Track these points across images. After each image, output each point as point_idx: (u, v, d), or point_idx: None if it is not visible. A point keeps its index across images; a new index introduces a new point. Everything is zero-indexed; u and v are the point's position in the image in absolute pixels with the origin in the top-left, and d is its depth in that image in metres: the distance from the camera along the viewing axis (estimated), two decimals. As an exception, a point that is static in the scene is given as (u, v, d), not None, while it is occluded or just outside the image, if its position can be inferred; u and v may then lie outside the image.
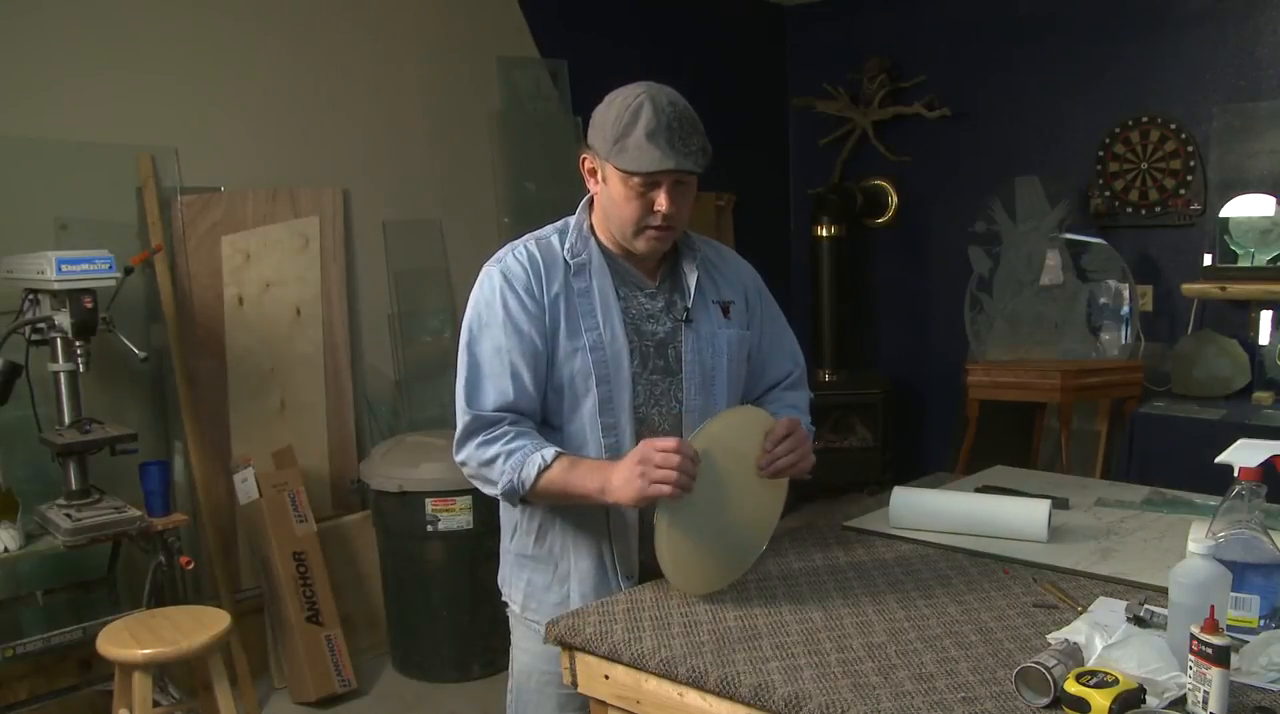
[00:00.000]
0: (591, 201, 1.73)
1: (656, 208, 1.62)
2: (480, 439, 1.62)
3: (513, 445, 1.60)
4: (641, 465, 1.49)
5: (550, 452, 1.59)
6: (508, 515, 1.79)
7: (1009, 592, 1.60)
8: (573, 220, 1.74)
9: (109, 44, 3.18)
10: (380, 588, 3.56)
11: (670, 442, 1.50)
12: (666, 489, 1.48)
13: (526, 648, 1.77)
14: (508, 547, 1.80)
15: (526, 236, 1.74)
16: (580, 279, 1.69)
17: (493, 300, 1.68)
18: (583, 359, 1.65)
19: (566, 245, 1.71)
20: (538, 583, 1.74)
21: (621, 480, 1.52)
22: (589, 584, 1.70)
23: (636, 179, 1.60)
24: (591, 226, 1.73)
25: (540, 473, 1.58)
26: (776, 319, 1.89)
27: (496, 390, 1.64)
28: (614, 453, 1.65)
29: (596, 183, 1.68)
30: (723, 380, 1.75)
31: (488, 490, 1.65)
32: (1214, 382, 4.07)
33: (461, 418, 1.65)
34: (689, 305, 1.73)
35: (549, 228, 1.75)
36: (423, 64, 4.01)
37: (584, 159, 1.69)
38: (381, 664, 3.55)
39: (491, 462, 1.61)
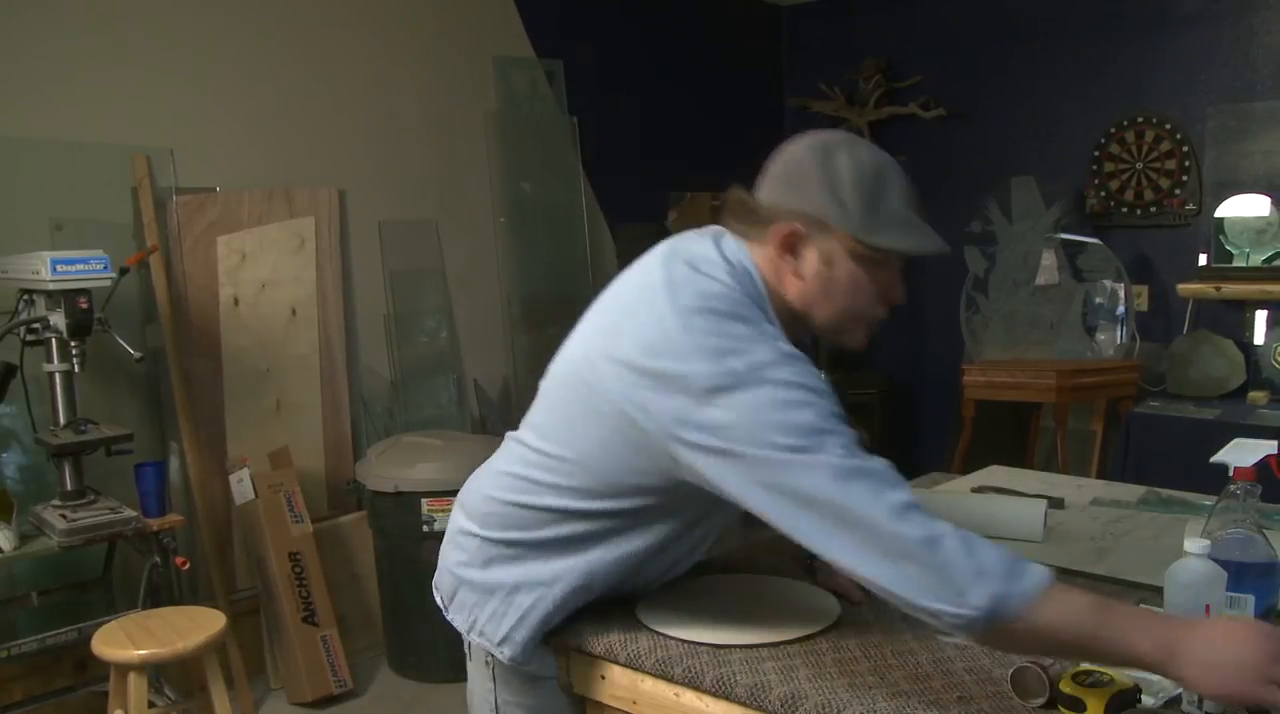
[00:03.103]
0: (761, 275, 1.36)
1: (891, 296, 1.39)
2: (923, 517, 1.16)
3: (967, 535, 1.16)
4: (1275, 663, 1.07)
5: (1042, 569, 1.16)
6: (524, 561, 1.45)
7: (1005, 591, 1.60)
8: (765, 307, 1.34)
9: (104, 44, 3.17)
10: (376, 588, 3.55)
11: None
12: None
13: (525, 703, 1.53)
14: (509, 594, 1.46)
15: (752, 327, 1.27)
16: None
17: (808, 374, 1.26)
18: None
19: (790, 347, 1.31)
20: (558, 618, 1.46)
21: (1232, 663, 1.07)
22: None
23: (885, 258, 1.33)
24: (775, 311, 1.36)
25: (1046, 590, 1.13)
26: None
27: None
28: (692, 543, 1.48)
29: (791, 260, 1.34)
30: None
31: (947, 612, 1.13)
32: (1209, 381, 4.07)
33: (893, 503, 1.16)
34: None
35: (742, 318, 1.28)
36: (419, 64, 4.01)
37: (780, 228, 1.33)
38: (378, 664, 3.55)
39: (972, 553, 1.13)
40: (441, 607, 1.59)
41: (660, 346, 1.26)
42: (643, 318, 1.30)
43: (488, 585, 1.48)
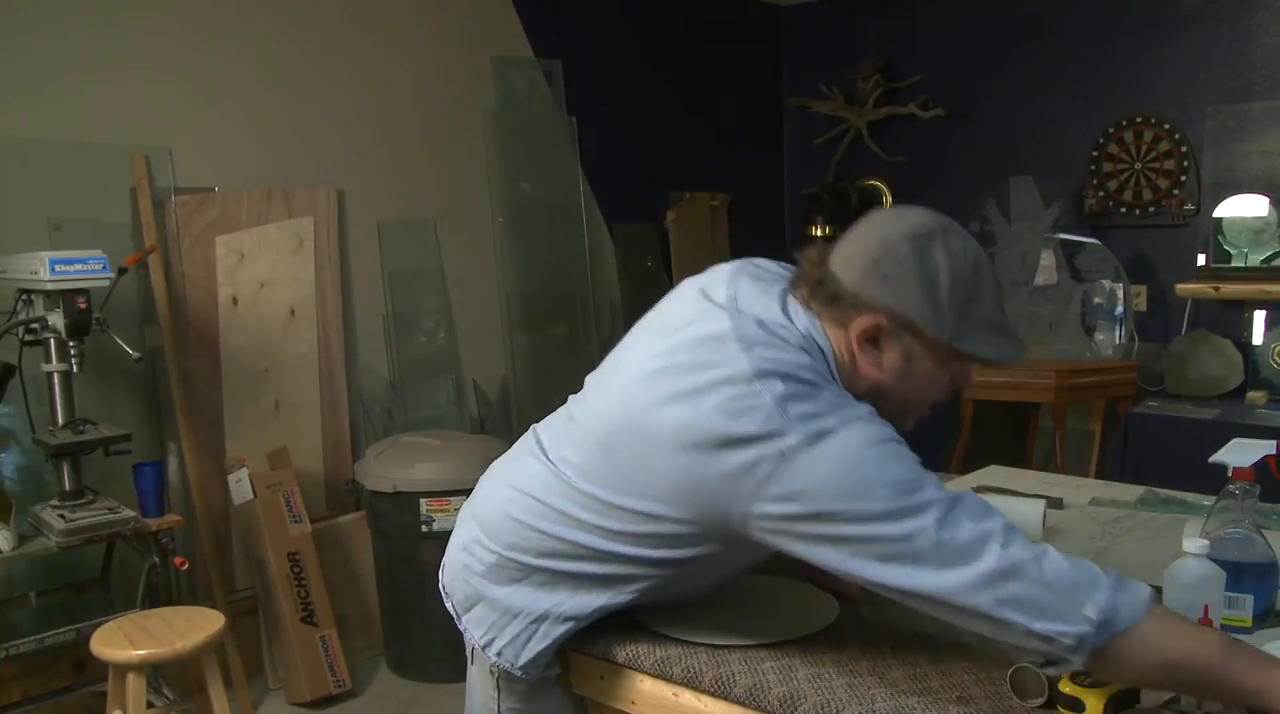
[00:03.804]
0: (836, 359, 1.30)
1: (960, 386, 1.36)
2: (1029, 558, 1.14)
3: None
4: None
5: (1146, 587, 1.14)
6: (556, 589, 1.40)
7: (1004, 591, 1.60)
8: (839, 387, 1.28)
9: (103, 44, 3.17)
10: (375, 588, 3.55)
11: None
12: None
13: (545, 707, 1.51)
14: (537, 619, 1.41)
15: (829, 395, 1.23)
16: None
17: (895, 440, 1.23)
18: None
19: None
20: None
21: None
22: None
23: (971, 366, 1.30)
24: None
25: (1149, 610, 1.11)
26: None
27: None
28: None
29: (872, 350, 1.29)
30: None
31: (1063, 641, 1.11)
32: (1208, 381, 4.08)
33: (1001, 554, 1.13)
34: None
35: (818, 388, 1.23)
36: (417, 64, 4.00)
37: (865, 319, 1.27)
38: (376, 665, 3.54)
39: (1074, 576, 1.12)
40: (453, 614, 1.54)
41: (741, 411, 1.19)
42: (713, 374, 1.23)
43: (512, 608, 1.43)
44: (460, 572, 1.50)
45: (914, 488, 1.16)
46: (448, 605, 1.55)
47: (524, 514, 1.41)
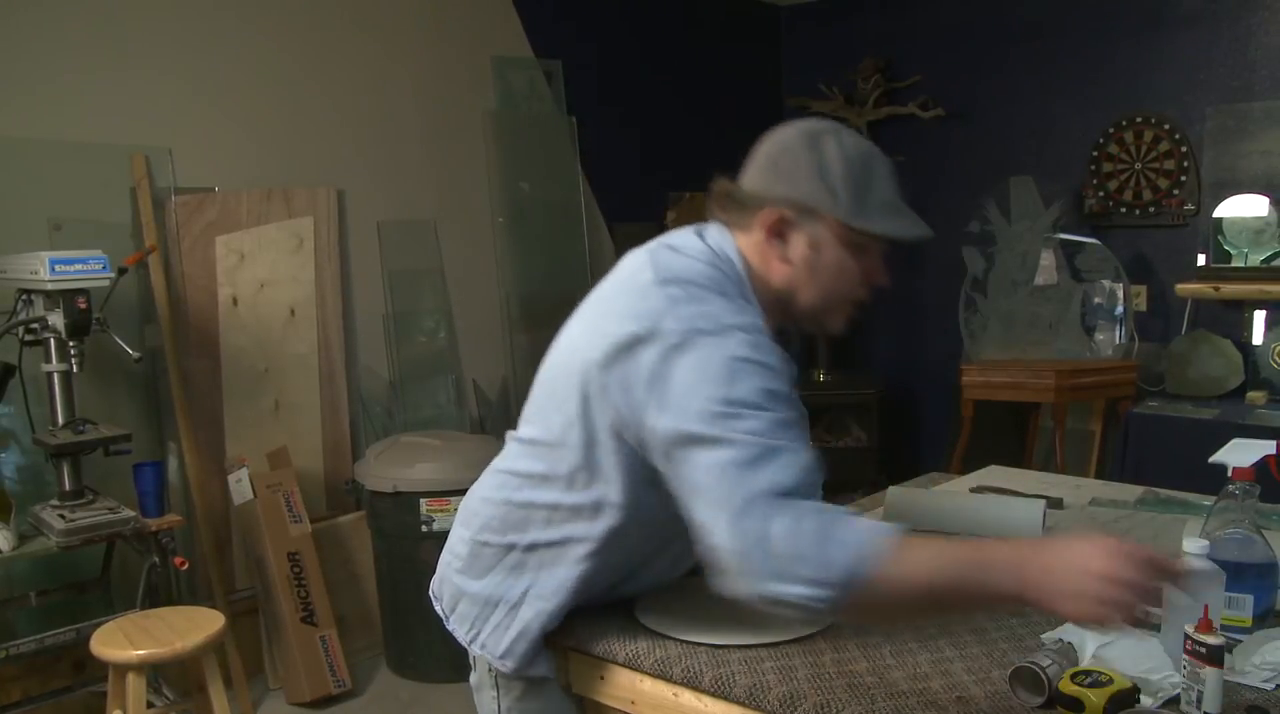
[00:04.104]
0: (746, 264, 1.38)
1: (873, 280, 1.40)
2: (800, 514, 1.15)
3: (838, 511, 1.19)
4: (1129, 578, 1.09)
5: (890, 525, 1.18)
6: (523, 574, 1.44)
7: (1003, 591, 1.60)
8: (748, 293, 1.36)
9: (103, 44, 3.17)
10: (375, 588, 3.55)
11: (1154, 555, 1.13)
12: (1130, 618, 1.10)
13: (533, 707, 1.52)
14: (513, 606, 1.46)
15: (728, 304, 1.30)
16: None
17: (776, 360, 1.27)
18: None
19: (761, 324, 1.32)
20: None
21: (1073, 590, 1.10)
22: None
23: (871, 243, 1.35)
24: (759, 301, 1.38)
25: (897, 540, 1.14)
26: None
27: (812, 456, 1.22)
28: (671, 546, 1.43)
29: (779, 245, 1.36)
30: None
31: (806, 595, 1.14)
32: (1208, 381, 4.08)
33: (772, 502, 1.15)
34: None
35: (725, 294, 1.31)
36: (417, 64, 4.00)
37: (768, 214, 1.35)
38: (376, 665, 3.55)
39: (825, 533, 1.14)
40: (442, 616, 1.59)
41: (640, 312, 1.28)
42: (627, 296, 1.33)
43: (490, 598, 1.48)
44: (444, 572, 1.58)
45: (734, 415, 1.19)
46: (438, 609, 1.60)
47: (492, 490, 1.50)
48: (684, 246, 1.39)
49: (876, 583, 1.12)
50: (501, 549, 1.47)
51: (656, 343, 1.25)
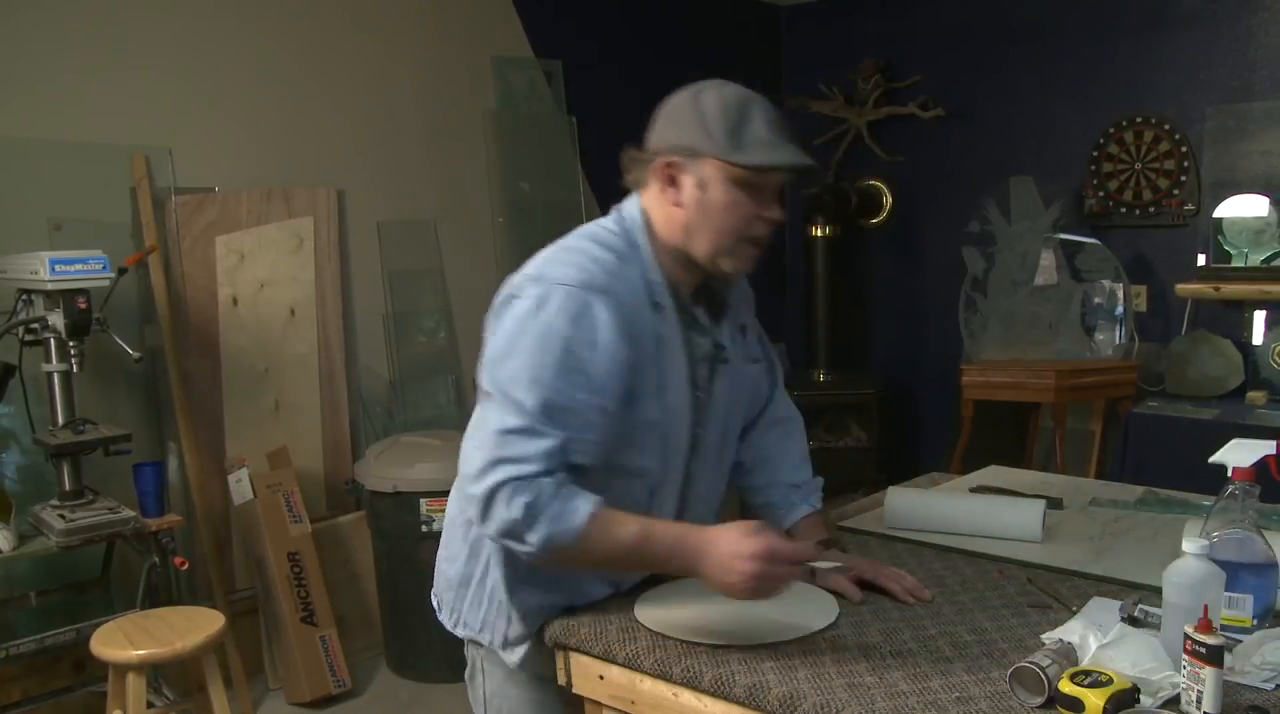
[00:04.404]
0: (646, 219, 1.50)
1: (765, 215, 1.46)
2: (523, 486, 1.35)
3: (558, 486, 1.37)
4: (763, 565, 1.32)
5: (595, 498, 1.37)
6: (496, 553, 1.54)
7: (1003, 592, 1.60)
8: (639, 239, 1.48)
9: (103, 44, 3.17)
10: (375, 588, 3.55)
11: (796, 549, 1.40)
12: (769, 593, 1.35)
13: (512, 695, 1.62)
14: (503, 597, 1.55)
15: (599, 253, 1.45)
16: (661, 320, 1.47)
17: (594, 342, 1.39)
18: (658, 423, 1.48)
19: (645, 276, 1.46)
20: (533, 612, 1.54)
21: (726, 571, 1.34)
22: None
23: (753, 180, 1.42)
24: (656, 252, 1.49)
25: (589, 521, 1.35)
26: (760, 330, 1.75)
27: (565, 455, 1.37)
28: (657, 511, 1.52)
29: (673, 190, 1.46)
30: (738, 413, 1.67)
31: (520, 548, 1.38)
32: (1208, 381, 4.08)
33: (505, 471, 1.36)
34: (725, 342, 1.57)
35: (612, 242, 1.48)
36: (417, 64, 4.00)
37: (659, 163, 1.46)
38: (376, 665, 3.55)
39: (532, 506, 1.34)
40: (436, 610, 1.69)
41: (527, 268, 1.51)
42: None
43: (463, 578, 1.60)
44: (437, 566, 1.69)
45: (512, 383, 1.39)
46: (434, 605, 1.71)
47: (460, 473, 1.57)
48: (599, 219, 1.55)
49: (567, 550, 1.37)
50: (463, 527, 1.58)
51: (496, 305, 1.50)
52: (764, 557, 1.32)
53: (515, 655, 1.58)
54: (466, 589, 1.60)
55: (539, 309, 1.40)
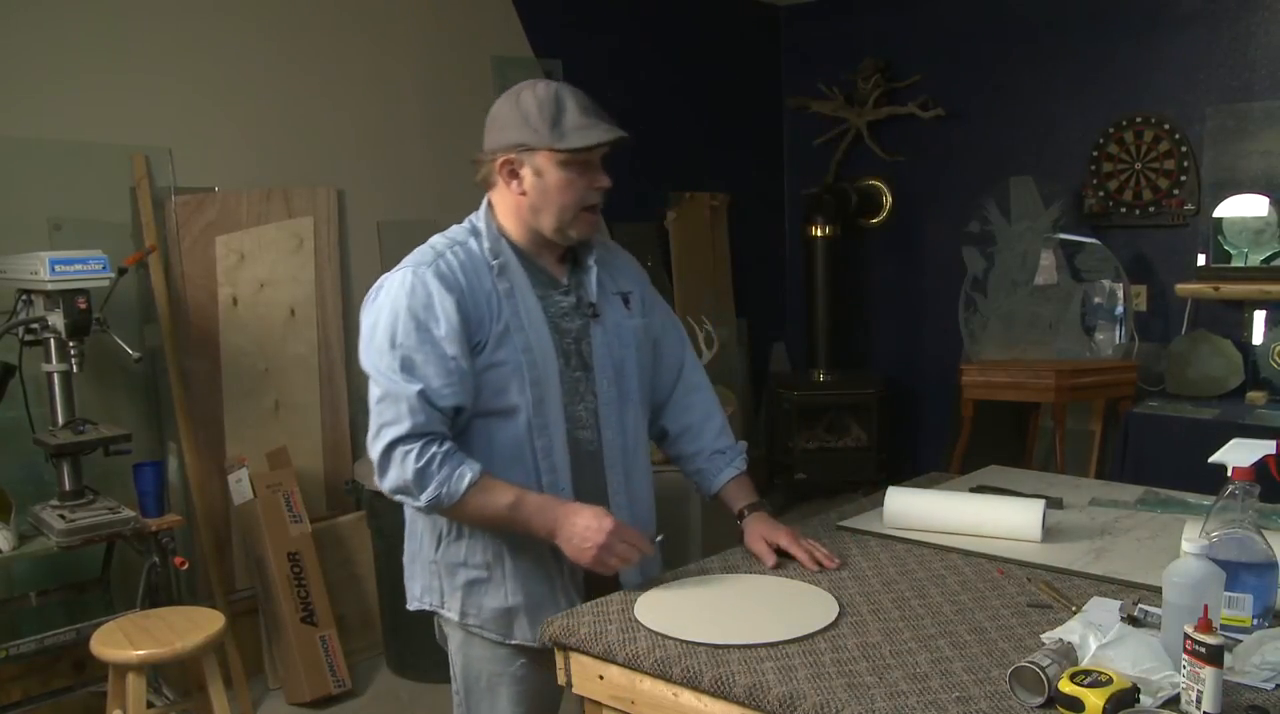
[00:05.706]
0: (490, 206, 1.76)
1: (596, 185, 1.70)
2: (411, 449, 1.61)
3: (446, 455, 1.62)
4: (608, 539, 1.59)
5: (479, 467, 1.62)
6: (426, 525, 1.81)
7: (1003, 591, 1.60)
8: (480, 224, 1.75)
9: (103, 44, 3.17)
10: (375, 588, 3.55)
11: (639, 536, 1.64)
12: (616, 565, 1.62)
13: (473, 654, 1.79)
14: (433, 557, 1.80)
15: (437, 240, 1.74)
16: (504, 281, 1.69)
17: (430, 305, 1.63)
18: (515, 363, 1.67)
19: (484, 247, 1.71)
20: (477, 589, 1.75)
21: (579, 540, 1.60)
22: (533, 582, 1.73)
23: (580, 159, 1.65)
24: (499, 229, 1.74)
25: (471, 487, 1.61)
26: (664, 306, 1.97)
27: (432, 402, 1.61)
28: (547, 455, 1.70)
29: (516, 183, 1.69)
30: (632, 371, 1.81)
31: (411, 502, 1.67)
32: (1208, 381, 4.08)
33: (389, 432, 1.61)
34: (594, 300, 1.77)
35: (455, 232, 1.77)
36: (417, 64, 4.00)
37: (499, 162, 1.69)
38: (376, 665, 3.55)
39: (424, 471, 1.61)
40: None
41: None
42: None
43: (410, 556, 1.89)
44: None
45: (380, 357, 1.63)
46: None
47: None
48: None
49: (450, 510, 1.65)
50: (409, 516, 1.87)
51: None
52: (611, 533, 1.58)
53: (455, 606, 1.77)
54: (414, 565, 1.87)
55: (382, 293, 1.67)
